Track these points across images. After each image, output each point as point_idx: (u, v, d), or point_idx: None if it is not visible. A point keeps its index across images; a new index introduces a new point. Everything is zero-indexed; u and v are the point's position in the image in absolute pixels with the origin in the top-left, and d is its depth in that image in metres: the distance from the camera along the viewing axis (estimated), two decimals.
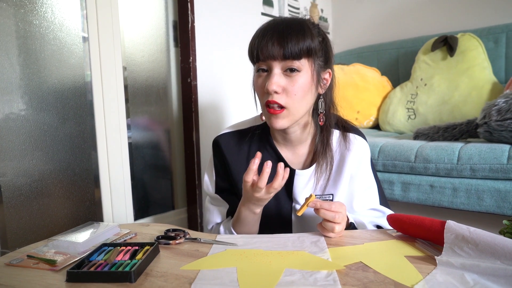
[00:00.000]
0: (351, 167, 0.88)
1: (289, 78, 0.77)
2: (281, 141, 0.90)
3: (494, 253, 0.56)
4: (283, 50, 0.74)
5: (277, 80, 0.76)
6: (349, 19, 2.67)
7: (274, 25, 0.77)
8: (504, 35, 1.86)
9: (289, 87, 0.76)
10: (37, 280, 0.56)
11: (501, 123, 1.16)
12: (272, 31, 0.76)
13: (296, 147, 0.90)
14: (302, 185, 0.89)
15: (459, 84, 1.82)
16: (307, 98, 0.80)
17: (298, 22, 0.78)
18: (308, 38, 0.75)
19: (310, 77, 0.78)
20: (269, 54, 0.75)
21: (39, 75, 1.20)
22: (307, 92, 0.79)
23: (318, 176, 0.87)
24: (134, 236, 0.76)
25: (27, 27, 1.16)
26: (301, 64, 0.76)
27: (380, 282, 0.53)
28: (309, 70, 0.78)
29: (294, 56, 0.75)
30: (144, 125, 1.57)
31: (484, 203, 1.21)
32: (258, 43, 0.77)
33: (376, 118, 2.16)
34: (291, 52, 0.74)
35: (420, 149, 1.35)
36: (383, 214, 0.91)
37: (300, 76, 0.77)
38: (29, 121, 1.18)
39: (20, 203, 1.17)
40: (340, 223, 0.73)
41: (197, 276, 0.56)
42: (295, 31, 0.75)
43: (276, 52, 0.75)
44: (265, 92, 0.78)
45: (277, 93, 0.76)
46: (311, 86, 0.79)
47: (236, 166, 0.92)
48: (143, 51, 1.54)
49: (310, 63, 0.78)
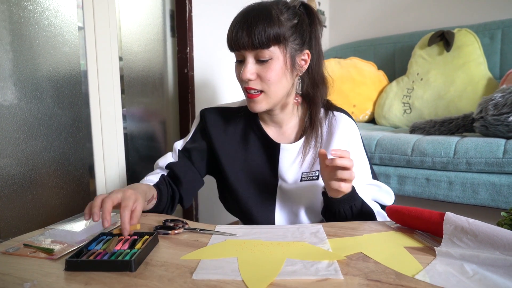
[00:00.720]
0: (340, 142, 0.89)
1: (262, 65, 0.80)
2: (267, 121, 0.93)
3: (493, 244, 0.57)
4: (251, 40, 0.77)
5: (249, 69, 0.80)
6: (346, 12, 2.67)
7: (244, 14, 0.80)
8: (499, 31, 1.87)
9: (263, 74, 0.80)
10: (35, 268, 0.55)
11: (497, 117, 1.17)
12: (242, 21, 0.79)
13: (282, 125, 0.93)
14: (289, 161, 0.90)
15: (455, 79, 1.83)
16: (283, 82, 0.82)
17: (267, 10, 0.79)
18: (275, 25, 0.77)
19: (282, 62, 0.80)
20: (240, 44, 0.79)
21: (33, 62, 1.17)
22: (281, 77, 0.81)
23: (306, 152, 0.89)
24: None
25: (21, 12, 1.14)
26: (271, 52, 0.79)
27: (381, 272, 0.53)
28: (281, 56, 0.80)
29: (262, 45, 0.77)
30: (140, 115, 1.55)
31: (479, 197, 1.22)
32: (231, 33, 0.80)
33: (372, 112, 2.16)
34: (259, 41, 0.77)
35: (417, 142, 1.36)
36: (379, 188, 0.92)
37: (272, 63, 0.79)
38: (22, 109, 1.15)
39: (13, 193, 1.15)
40: (346, 181, 0.74)
41: (198, 265, 0.56)
42: (262, 20, 0.77)
43: (245, 42, 0.78)
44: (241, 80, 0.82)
45: (251, 80, 0.80)
46: (285, 71, 0.81)
47: (218, 139, 0.94)
48: (140, 40, 1.52)
49: (281, 50, 0.80)
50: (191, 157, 0.95)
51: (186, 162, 0.95)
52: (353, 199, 0.79)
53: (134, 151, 1.53)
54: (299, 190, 0.90)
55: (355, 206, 0.80)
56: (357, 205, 0.80)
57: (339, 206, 0.79)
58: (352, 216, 0.80)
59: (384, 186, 0.93)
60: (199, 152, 0.96)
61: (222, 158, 0.94)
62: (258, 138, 0.93)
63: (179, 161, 0.94)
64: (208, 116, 0.96)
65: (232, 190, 0.94)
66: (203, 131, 0.96)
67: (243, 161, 0.93)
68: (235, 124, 0.95)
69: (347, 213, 0.80)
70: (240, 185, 0.93)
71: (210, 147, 0.96)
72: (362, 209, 0.81)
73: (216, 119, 0.96)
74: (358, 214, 0.81)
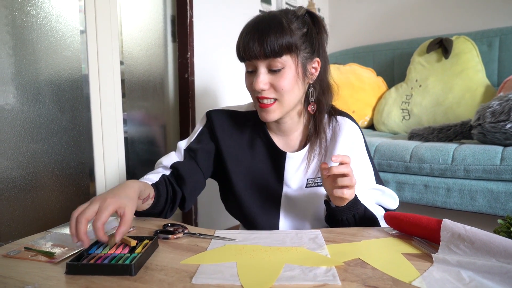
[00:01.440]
0: (343, 148, 0.89)
1: (274, 75, 0.80)
2: (275, 129, 0.93)
3: (490, 251, 0.57)
4: (263, 50, 0.77)
5: (262, 79, 0.80)
6: (346, 19, 2.69)
7: (254, 24, 0.80)
8: (497, 39, 1.89)
9: (276, 83, 0.80)
10: (36, 272, 0.56)
11: (494, 125, 1.18)
12: (253, 31, 0.79)
13: (289, 134, 0.93)
14: (294, 168, 0.90)
15: (453, 86, 1.84)
16: (295, 90, 0.83)
17: (277, 19, 0.79)
18: (287, 35, 0.77)
19: (294, 71, 0.81)
20: (252, 54, 0.79)
21: (35, 66, 1.18)
22: (294, 86, 0.82)
23: (310, 159, 0.89)
24: (132, 230, 0.76)
25: (24, 17, 1.15)
26: (284, 61, 0.79)
27: (379, 278, 0.54)
28: (293, 65, 0.81)
29: (274, 54, 0.78)
30: (140, 119, 1.56)
31: (476, 203, 1.23)
32: (241, 43, 0.80)
33: (371, 118, 2.18)
34: (271, 50, 0.77)
35: (415, 149, 1.36)
36: (382, 192, 0.91)
37: (284, 72, 0.80)
38: (24, 112, 1.16)
39: (14, 196, 1.15)
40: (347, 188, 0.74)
41: (197, 270, 0.56)
42: (273, 29, 0.77)
43: (257, 51, 0.78)
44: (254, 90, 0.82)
45: (264, 90, 0.81)
46: (297, 80, 0.82)
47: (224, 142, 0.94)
48: (141, 45, 1.53)
49: (293, 58, 0.80)
50: (197, 157, 0.93)
51: (192, 163, 0.92)
52: (355, 207, 0.79)
53: (134, 155, 1.54)
54: (304, 196, 0.90)
55: (358, 214, 0.80)
56: (360, 212, 0.80)
57: (342, 214, 0.79)
58: (355, 223, 0.81)
59: (388, 191, 0.92)
60: (205, 153, 0.94)
61: (228, 162, 0.93)
62: (265, 146, 0.93)
63: (185, 161, 0.92)
64: (216, 118, 0.95)
65: (236, 195, 0.93)
66: (211, 132, 0.95)
67: (248, 167, 0.93)
68: (242, 129, 0.95)
69: (350, 221, 0.80)
70: (245, 190, 0.92)
71: (217, 150, 0.95)
72: (365, 216, 0.81)
73: (223, 121, 0.95)
74: (361, 220, 0.81)
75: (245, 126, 0.95)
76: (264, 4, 2.07)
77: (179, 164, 0.91)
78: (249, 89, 0.86)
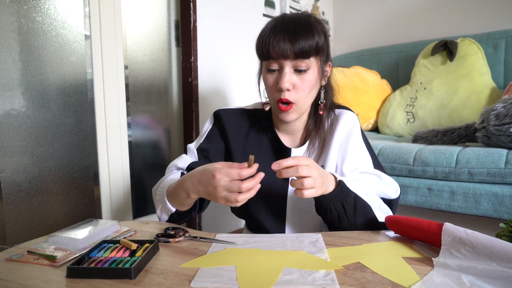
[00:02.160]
0: (340, 136, 0.91)
1: (299, 76, 0.82)
2: (281, 128, 0.95)
3: (491, 256, 0.57)
4: (295, 50, 0.78)
5: (289, 79, 0.81)
6: (350, 21, 2.69)
7: (283, 24, 0.80)
8: (503, 41, 1.87)
9: (299, 84, 0.82)
10: (37, 275, 0.56)
11: (499, 127, 1.17)
12: (284, 31, 0.79)
13: (295, 132, 0.95)
14: None
15: (458, 88, 1.83)
16: (313, 92, 0.86)
17: (306, 20, 0.80)
18: (316, 36, 0.79)
19: (316, 73, 0.83)
20: (281, 53, 0.79)
21: (40, 72, 1.20)
22: (313, 87, 0.84)
23: (310, 153, 0.91)
24: (133, 233, 0.77)
25: (29, 23, 1.17)
26: (310, 62, 0.81)
27: (378, 283, 0.54)
28: (316, 67, 0.83)
29: (304, 55, 0.79)
30: (145, 123, 1.58)
31: (481, 207, 1.22)
32: (269, 41, 0.80)
33: (375, 121, 2.17)
34: (302, 51, 0.78)
35: (419, 152, 1.36)
36: (379, 178, 0.89)
37: (309, 73, 0.82)
38: (29, 117, 1.18)
39: (19, 200, 1.17)
40: (310, 176, 0.68)
41: (196, 273, 0.56)
42: (305, 30, 0.78)
43: (288, 51, 0.78)
44: (277, 90, 0.83)
45: (288, 90, 0.81)
46: (316, 81, 0.85)
47: (234, 140, 0.95)
48: (145, 50, 1.54)
49: (317, 61, 0.83)
50: (209, 156, 0.94)
51: (207, 161, 0.93)
52: (343, 195, 0.75)
53: (139, 158, 1.55)
54: None
55: (347, 202, 0.76)
56: (349, 201, 0.76)
57: (328, 203, 0.76)
58: (346, 214, 0.77)
59: (386, 177, 0.89)
60: (217, 152, 0.95)
61: (236, 158, 0.94)
62: (271, 143, 0.95)
63: (200, 161, 0.92)
64: (224, 117, 0.96)
65: None
66: (220, 131, 0.96)
67: None
68: (249, 126, 0.96)
69: (338, 210, 0.76)
70: None
71: (227, 148, 0.96)
72: (357, 204, 0.77)
73: (232, 119, 0.96)
74: (352, 210, 0.77)
75: (252, 124, 0.96)
76: (268, 8, 2.08)
77: (194, 165, 0.91)
78: (270, 87, 0.85)
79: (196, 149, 0.95)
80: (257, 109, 0.98)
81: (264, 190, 0.92)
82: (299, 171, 0.67)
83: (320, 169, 0.73)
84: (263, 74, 0.86)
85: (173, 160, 0.96)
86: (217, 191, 0.68)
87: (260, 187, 0.69)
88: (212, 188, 0.68)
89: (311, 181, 0.68)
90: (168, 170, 0.96)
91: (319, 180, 0.70)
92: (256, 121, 0.96)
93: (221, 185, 0.67)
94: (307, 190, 0.68)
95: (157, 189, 0.89)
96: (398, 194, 0.91)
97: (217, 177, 0.67)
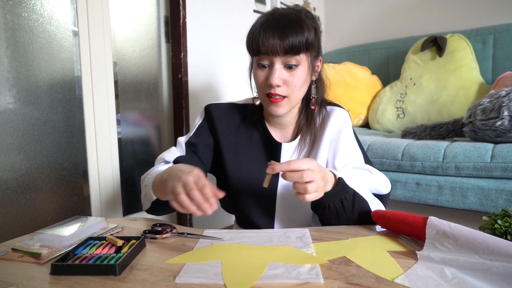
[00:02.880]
0: (331, 132, 0.91)
1: (289, 71, 0.82)
2: (272, 122, 0.95)
3: (473, 248, 0.58)
4: (284, 46, 0.78)
5: (279, 75, 0.81)
6: (341, 18, 2.69)
7: (274, 20, 0.80)
8: (491, 36, 1.89)
9: (289, 80, 0.82)
10: (21, 272, 0.56)
11: (485, 122, 1.18)
12: (274, 27, 0.79)
13: (286, 127, 0.95)
14: (287, 157, 0.93)
15: (447, 84, 1.85)
16: (304, 87, 0.86)
17: (297, 16, 0.80)
18: (306, 32, 0.79)
19: (307, 68, 0.83)
20: (271, 50, 0.79)
21: (27, 68, 1.19)
22: (304, 82, 0.84)
23: (302, 148, 0.91)
24: (121, 230, 0.76)
25: (15, 19, 1.15)
26: (300, 58, 0.81)
27: (362, 276, 0.54)
28: (306, 63, 0.83)
29: (294, 52, 0.79)
30: (134, 120, 1.57)
31: (468, 201, 1.23)
32: (259, 37, 0.79)
33: (366, 116, 2.18)
34: (292, 47, 0.78)
35: (407, 147, 1.37)
36: (371, 173, 0.89)
37: (299, 69, 0.82)
38: (17, 114, 1.16)
39: (7, 198, 1.16)
40: (313, 180, 0.66)
41: (181, 269, 0.57)
42: (295, 26, 0.78)
43: (278, 47, 0.78)
44: (266, 85, 0.83)
45: (278, 86, 0.81)
46: (307, 76, 0.85)
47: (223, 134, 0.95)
48: (134, 46, 1.53)
49: (307, 56, 0.83)
50: (198, 151, 0.94)
51: (194, 156, 0.93)
52: (343, 192, 0.75)
53: (128, 155, 1.54)
54: None
55: (346, 200, 0.76)
56: (348, 198, 0.76)
57: (328, 201, 0.75)
58: (344, 210, 0.77)
59: (377, 172, 0.90)
60: (205, 147, 0.95)
61: (226, 153, 0.94)
62: (262, 137, 0.95)
63: (187, 156, 0.93)
64: (215, 111, 0.96)
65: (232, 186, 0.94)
66: (210, 126, 0.97)
67: (246, 158, 0.94)
68: (240, 121, 0.96)
69: (337, 207, 0.76)
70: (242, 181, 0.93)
71: (216, 142, 0.96)
72: (355, 201, 0.77)
73: (222, 114, 0.96)
74: (351, 207, 0.77)
75: (243, 119, 0.97)
76: (259, 4, 2.08)
77: (182, 158, 0.91)
78: (260, 83, 0.85)
79: (185, 143, 0.95)
80: (249, 103, 0.98)
81: (254, 186, 0.92)
82: (304, 177, 0.65)
83: (322, 170, 0.71)
84: (254, 69, 0.86)
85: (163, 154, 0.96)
86: (179, 180, 0.64)
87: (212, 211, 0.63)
88: (178, 177, 0.65)
89: (315, 186, 0.67)
90: (157, 162, 0.96)
91: (322, 183, 0.69)
92: (247, 116, 0.96)
93: (185, 179, 0.64)
94: (309, 194, 0.67)
95: (145, 177, 0.89)
96: (389, 190, 0.92)
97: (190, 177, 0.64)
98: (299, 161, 0.66)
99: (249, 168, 0.94)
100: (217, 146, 0.96)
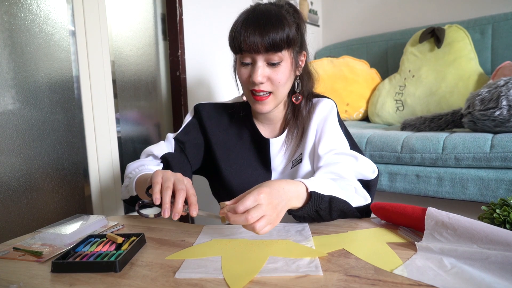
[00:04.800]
0: (317, 121, 0.92)
1: (272, 68, 0.82)
2: (261, 119, 0.96)
3: (471, 238, 0.58)
4: (265, 44, 0.78)
5: (262, 72, 0.81)
6: (339, 11, 2.68)
7: (253, 17, 0.80)
8: (490, 26, 1.88)
9: (273, 76, 0.82)
10: (22, 271, 0.56)
11: (484, 112, 1.18)
12: (254, 24, 0.78)
13: (274, 122, 0.96)
14: (276, 152, 0.94)
15: (446, 75, 1.84)
16: (288, 83, 0.86)
17: (277, 13, 0.80)
18: (286, 29, 0.79)
19: (290, 64, 0.83)
20: (252, 48, 0.79)
21: (25, 69, 1.19)
22: (288, 79, 0.84)
23: (289, 142, 0.92)
24: (121, 227, 0.77)
25: (12, 20, 1.15)
26: (282, 55, 0.81)
27: (361, 268, 0.54)
28: (289, 59, 0.83)
29: (276, 49, 0.79)
30: (134, 119, 1.57)
31: (468, 192, 1.23)
32: (240, 35, 0.80)
33: (365, 110, 2.17)
34: (273, 45, 0.78)
35: (406, 139, 1.37)
36: (355, 158, 0.86)
37: (282, 66, 0.82)
38: (16, 115, 1.17)
39: (8, 198, 1.16)
40: (263, 216, 0.60)
41: (181, 265, 0.57)
42: (275, 23, 0.78)
43: (259, 45, 0.78)
44: (250, 82, 0.83)
45: (262, 83, 0.82)
46: (290, 73, 0.85)
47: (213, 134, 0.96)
48: (131, 44, 1.53)
49: (289, 53, 0.83)
50: (186, 149, 0.95)
51: (182, 155, 0.94)
52: (316, 204, 0.70)
53: (128, 154, 1.55)
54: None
55: (321, 209, 0.71)
56: (324, 207, 0.71)
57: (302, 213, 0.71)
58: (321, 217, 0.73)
59: (362, 158, 0.87)
60: (193, 146, 0.96)
61: (217, 152, 0.95)
62: (251, 135, 0.96)
63: (175, 153, 0.93)
64: (203, 110, 0.97)
65: (227, 185, 0.94)
66: (199, 123, 0.97)
67: (237, 156, 0.95)
68: (229, 120, 0.97)
69: (313, 217, 0.73)
70: (235, 179, 0.94)
71: (206, 141, 0.97)
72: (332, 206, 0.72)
73: (211, 113, 0.97)
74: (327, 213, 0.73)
75: (232, 117, 0.97)
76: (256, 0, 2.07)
77: (169, 155, 0.92)
78: (243, 80, 0.85)
79: (174, 138, 0.96)
80: (237, 102, 0.98)
81: (247, 181, 0.93)
82: (248, 220, 0.59)
83: (276, 197, 0.64)
84: (237, 67, 0.86)
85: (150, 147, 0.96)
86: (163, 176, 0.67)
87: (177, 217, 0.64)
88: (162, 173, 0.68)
89: (264, 222, 0.60)
90: (143, 154, 0.96)
91: (273, 214, 0.62)
92: (235, 113, 0.97)
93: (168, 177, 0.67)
94: (262, 230, 0.61)
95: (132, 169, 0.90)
96: (375, 175, 0.88)
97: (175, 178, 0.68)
98: (245, 201, 0.60)
99: (241, 166, 0.95)
100: (208, 146, 0.97)
